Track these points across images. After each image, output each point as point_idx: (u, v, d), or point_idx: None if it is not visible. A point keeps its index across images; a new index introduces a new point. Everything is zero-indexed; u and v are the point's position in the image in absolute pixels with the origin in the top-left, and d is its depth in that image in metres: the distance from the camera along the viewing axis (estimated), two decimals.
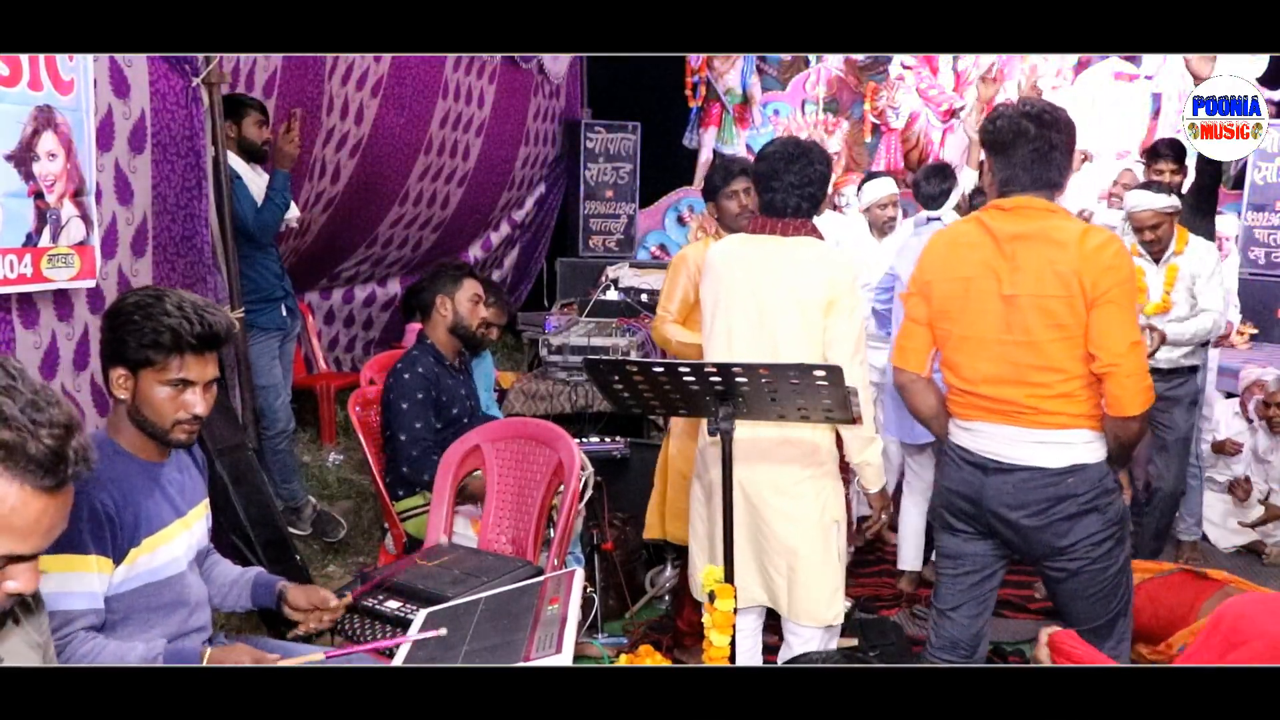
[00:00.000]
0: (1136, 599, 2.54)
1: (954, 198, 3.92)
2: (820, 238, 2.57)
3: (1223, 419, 4.66)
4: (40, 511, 1.17)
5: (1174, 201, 3.60)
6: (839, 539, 2.54)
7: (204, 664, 1.80)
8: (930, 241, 2.45)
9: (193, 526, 1.99)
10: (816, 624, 2.51)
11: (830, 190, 4.07)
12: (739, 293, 2.52)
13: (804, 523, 2.48)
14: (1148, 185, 3.75)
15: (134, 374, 1.81)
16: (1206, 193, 4.01)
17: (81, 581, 1.74)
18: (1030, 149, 2.19)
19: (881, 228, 4.41)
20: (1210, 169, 3.94)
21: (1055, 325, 2.14)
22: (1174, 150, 4.19)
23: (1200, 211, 3.93)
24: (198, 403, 1.85)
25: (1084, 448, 2.20)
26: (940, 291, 2.31)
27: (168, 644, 1.84)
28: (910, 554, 3.90)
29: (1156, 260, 3.65)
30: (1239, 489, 4.41)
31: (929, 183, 3.90)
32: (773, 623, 2.73)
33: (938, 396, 2.43)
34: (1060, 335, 2.14)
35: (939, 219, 3.81)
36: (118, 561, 1.80)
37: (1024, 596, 3.71)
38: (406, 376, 3.18)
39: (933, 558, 3.81)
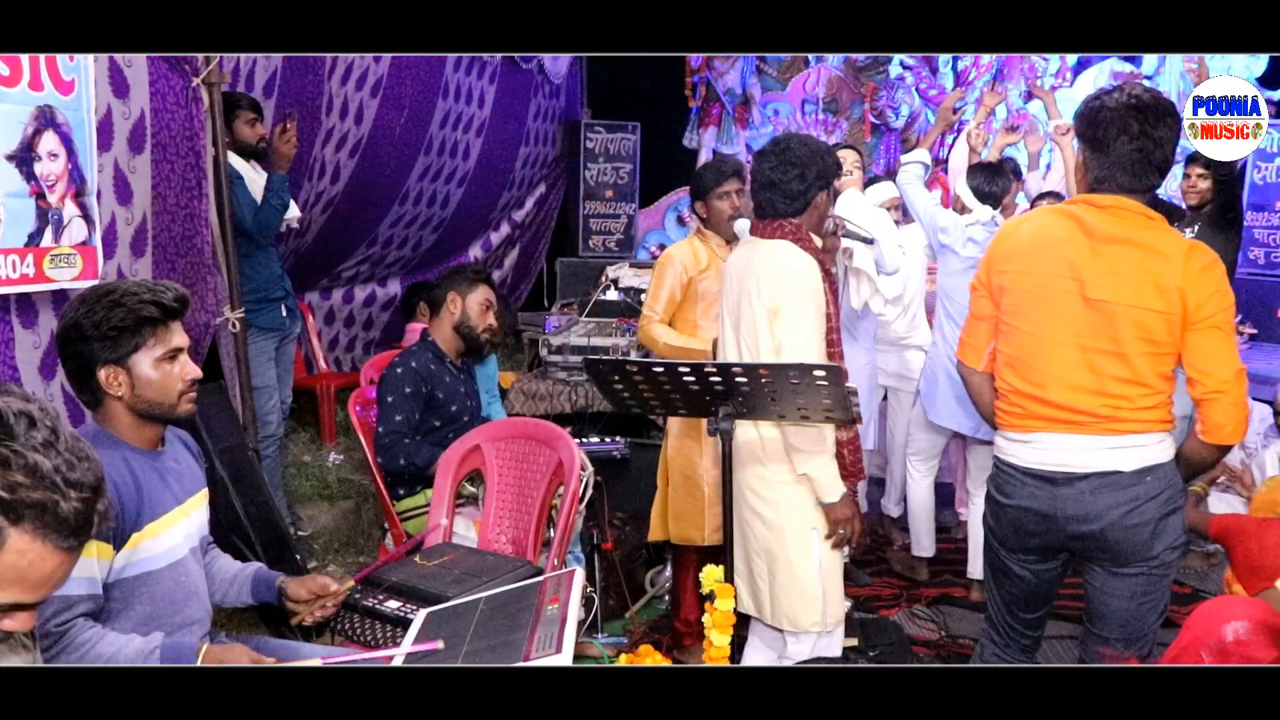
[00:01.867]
0: (1238, 521, 2.52)
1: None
2: (803, 239, 2.43)
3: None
4: (56, 567, 1.17)
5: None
6: (820, 547, 2.45)
7: (200, 661, 1.80)
8: (1008, 231, 2.27)
9: (191, 515, 2.00)
10: (795, 629, 2.48)
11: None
12: (724, 300, 2.56)
13: (778, 527, 2.44)
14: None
15: (124, 366, 1.82)
16: (1224, 207, 4.00)
17: (81, 567, 1.72)
18: (1132, 147, 2.04)
19: None
20: (1225, 186, 3.93)
21: (1148, 340, 2.04)
22: (1203, 157, 4.27)
23: (1218, 226, 3.93)
24: (193, 368, 1.89)
25: (1156, 448, 2.11)
26: (1014, 285, 2.16)
27: (165, 638, 1.84)
28: (925, 537, 3.88)
29: None
30: (1245, 476, 4.43)
31: (993, 181, 3.70)
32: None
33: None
34: (1151, 350, 2.05)
35: (995, 222, 3.67)
36: (118, 547, 1.80)
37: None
38: (399, 370, 3.19)
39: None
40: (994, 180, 3.71)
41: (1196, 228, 4.12)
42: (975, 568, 3.72)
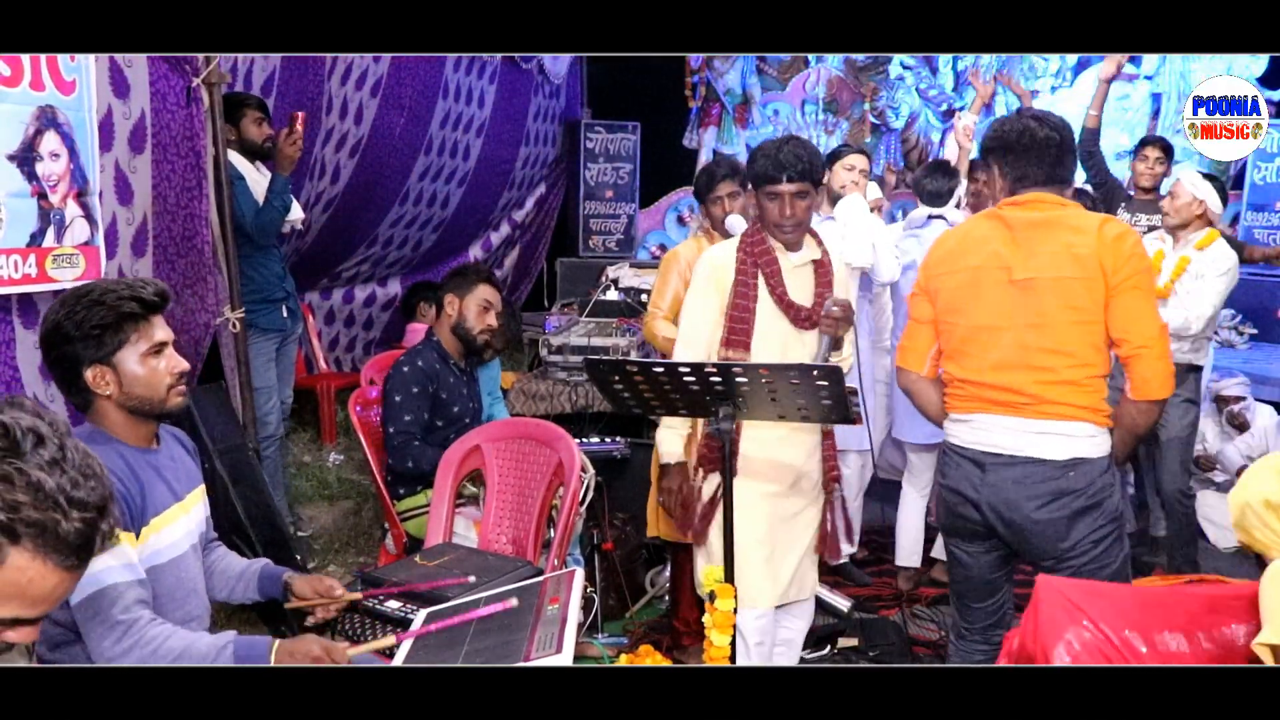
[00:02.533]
0: None
1: (956, 195, 3.89)
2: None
3: (1207, 429, 4.66)
4: (56, 585, 1.17)
5: (1211, 193, 3.64)
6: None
7: (273, 657, 1.80)
8: (939, 239, 2.47)
9: (191, 511, 2.00)
10: None
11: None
12: None
13: None
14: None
15: (109, 364, 1.82)
16: None
17: (117, 555, 1.73)
18: (1039, 147, 2.25)
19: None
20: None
21: (1071, 307, 2.17)
22: (1160, 141, 4.34)
23: None
24: (180, 361, 1.89)
25: (1086, 441, 2.19)
26: (948, 284, 2.33)
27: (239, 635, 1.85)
28: (908, 549, 3.87)
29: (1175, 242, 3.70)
30: (1204, 461, 4.51)
31: (932, 179, 3.83)
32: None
33: (941, 393, 2.43)
34: (1076, 318, 2.17)
35: (943, 217, 3.75)
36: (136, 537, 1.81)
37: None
38: (405, 370, 3.20)
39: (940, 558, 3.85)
40: (936, 178, 3.81)
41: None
42: None
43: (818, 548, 2.62)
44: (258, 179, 3.68)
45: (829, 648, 3.30)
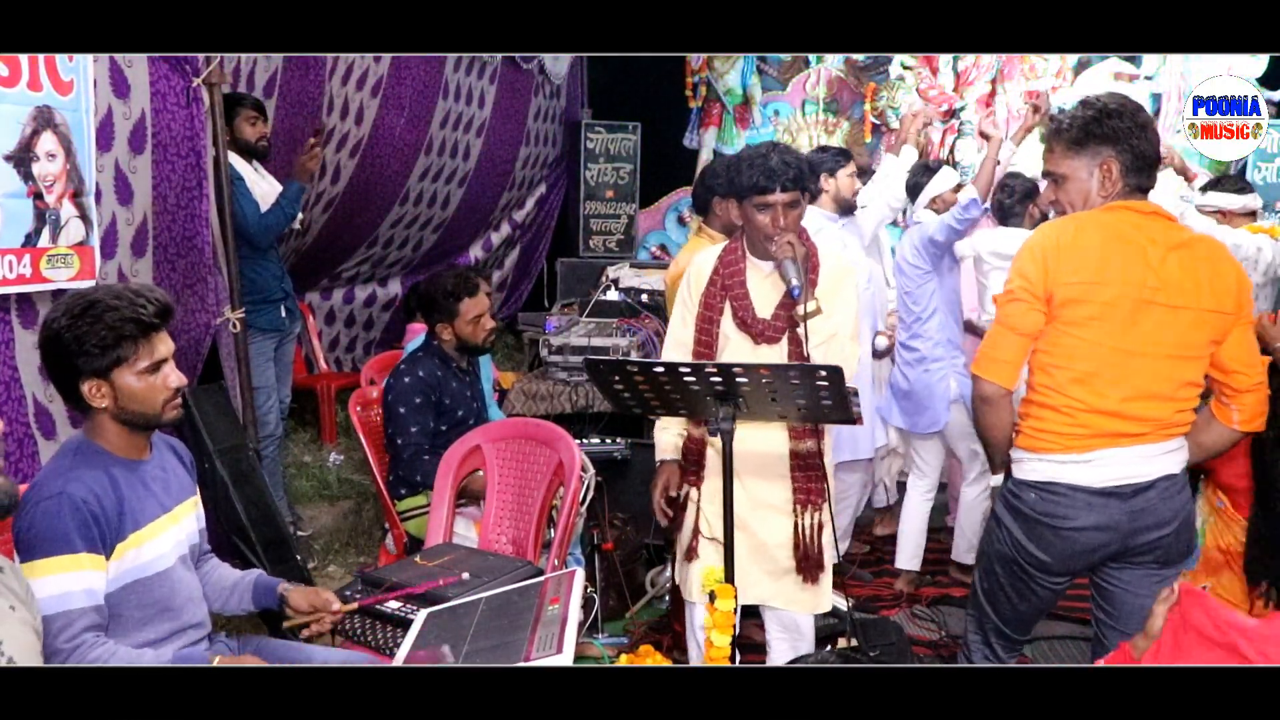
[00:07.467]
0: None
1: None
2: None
3: None
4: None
5: (1244, 203, 3.69)
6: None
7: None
8: (1065, 241, 2.08)
9: (181, 521, 2.00)
10: None
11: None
12: None
13: None
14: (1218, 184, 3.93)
15: (106, 379, 1.82)
16: None
17: (77, 580, 1.75)
18: (1152, 141, 2.11)
19: None
20: None
21: (1212, 340, 2.08)
22: None
23: None
24: (178, 376, 1.89)
25: (1184, 450, 2.17)
26: (1090, 297, 2.04)
27: (178, 651, 1.86)
28: (910, 552, 3.85)
29: None
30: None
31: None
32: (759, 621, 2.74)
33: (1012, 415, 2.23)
34: (1210, 351, 2.09)
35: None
36: (108, 557, 1.80)
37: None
38: (407, 380, 3.19)
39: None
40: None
41: None
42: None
43: (798, 568, 2.48)
44: (255, 179, 3.68)
45: (829, 648, 3.29)
